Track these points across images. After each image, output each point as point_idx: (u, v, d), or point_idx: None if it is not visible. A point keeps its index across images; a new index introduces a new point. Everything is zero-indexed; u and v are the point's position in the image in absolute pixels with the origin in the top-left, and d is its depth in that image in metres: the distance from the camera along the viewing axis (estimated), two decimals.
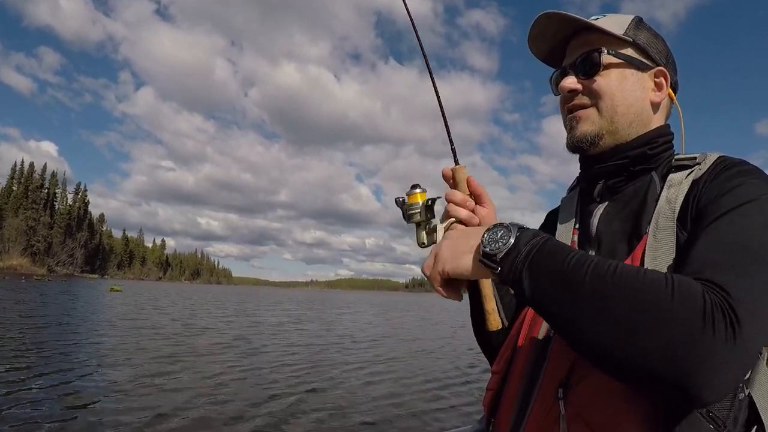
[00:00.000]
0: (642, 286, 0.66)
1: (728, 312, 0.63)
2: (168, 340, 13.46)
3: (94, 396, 7.15)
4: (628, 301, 0.65)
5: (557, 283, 0.70)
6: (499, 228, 0.78)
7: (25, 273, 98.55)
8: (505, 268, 0.75)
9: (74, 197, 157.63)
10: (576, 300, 0.68)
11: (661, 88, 0.97)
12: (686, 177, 0.87)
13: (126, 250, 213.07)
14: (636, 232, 0.89)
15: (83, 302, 25.97)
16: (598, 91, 0.95)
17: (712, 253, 0.72)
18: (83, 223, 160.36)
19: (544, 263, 0.72)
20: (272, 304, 41.55)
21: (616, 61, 0.95)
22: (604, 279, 0.67)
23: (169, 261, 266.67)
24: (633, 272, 0.68)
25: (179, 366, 9.77)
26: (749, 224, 0.74)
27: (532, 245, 0.74)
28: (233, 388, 8.24)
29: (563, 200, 1.13)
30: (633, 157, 0.95)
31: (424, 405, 7.93)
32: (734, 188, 0.79)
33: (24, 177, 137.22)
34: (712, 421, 0.70)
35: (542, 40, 1.05)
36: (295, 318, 27.34)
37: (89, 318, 17.99)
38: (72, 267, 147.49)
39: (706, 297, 0.64)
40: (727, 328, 0.62)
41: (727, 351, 0.62)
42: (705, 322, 0.62)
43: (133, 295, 39.96)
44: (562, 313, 0.70)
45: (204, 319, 21.49)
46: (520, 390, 0.91)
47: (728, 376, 0.63)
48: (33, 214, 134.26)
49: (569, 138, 0.99)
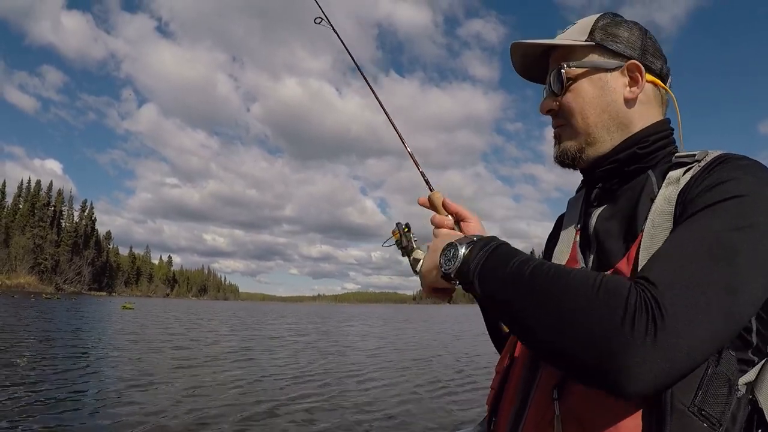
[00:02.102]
0: (571, 285, 0.71)
1: (651, 307, 0.65)
2: (204, 359, 12.70)
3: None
4: (557, 299, 0.70)
5: (501, 287, 0.78)
6: (449, 248, 0.88)
7: (33, 291, 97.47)
8: (461, 281, 0.86)
9: (80, 214, 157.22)
10: (517, 300, 0.75)
11: (636, 81, 0.95)
12: (683, 174, 0.85)
13: (133, 267, 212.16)
14: (632, 231, 0.88)
15: (99, 320, 25.59)
16: (567, 109, 0.98)
17: (666, 251, 0.73)
18: (90, 240, 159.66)
19: (491, 272, 0.80)
20: (293, 319, 40.36)
21: (580, 71, 0.96)
22: (539, 279, 0.74)
23: (176, 277, 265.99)
24: (566, 272, 0.74)
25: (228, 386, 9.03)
26: (720, 223, 0.73)
27: (479, 258, 0.82)
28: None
29: (569, 202, 1.14)
30: (623, 159, 0.95)
31: (434, 404, 8.21)
32: (723, 182, 0.77)
33: (30, 195, 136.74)
34: (705, 419, 0.71)
35: (524, 68, 1.09)
36: (321, 331, 27.42)
37: (112, 336, 17.15)
38: (80, 285, 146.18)
39: (631, 293, 0.67)
40: (648, 324, 0.64)
41: (645, 346, 0.63)
42: (624, 318, 0.65)
43: (146, 312, 39.00)
44: (509, 312, 0.77)
45: (230, 337, 20.62)
46: (519, 390, 0.92)
47: (650, 370, 0.64)
48: (40, 232, 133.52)
49: (554, 154, 1.04)
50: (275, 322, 33.22)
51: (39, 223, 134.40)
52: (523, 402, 0.89)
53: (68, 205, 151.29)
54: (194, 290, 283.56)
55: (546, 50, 1.03)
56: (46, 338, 14.85)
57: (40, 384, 8.05)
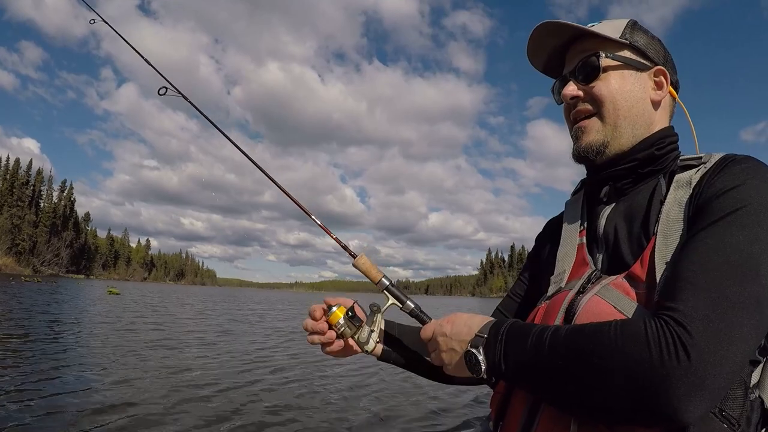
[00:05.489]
0: (590, 342, 0.71)
1: (675, 332, 0.66)
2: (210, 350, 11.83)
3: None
4: (585, 362, 0.71)
5: (531, 373, 0.79)
6: (468, 356, 0.87)
7: (11, 274, 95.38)
8: (496, 378, 0.87)
9: (60, 195, 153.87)
10: (550, 378, 0.76)
11: (661, 86, 0.98)
12: (693, 176, 0.86)
13: (111, 250, 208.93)
14: (644, 234, 0.88)
15: (89, 306, 24.09)
16: (599, 97, 0.97)
17: (688, 270, 0.73)
18: (69, 222, 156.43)
19: (514, 356, 0.81)
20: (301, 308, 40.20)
21: (615, 64, 0.97)
22: (559, 352, 0.74)
23: (153, 261, 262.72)
24: (579, 332, 0.74)
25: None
26: (738, 237, 0.73)
27: (499, 353, 0.83)
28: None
29: (567, 203, 1.13)
30: (641, 159, 0.96)
31: (429, 403, 7.60)
32: (733, 188, 0.78)
33: (9, 174, 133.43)
34: (725, 420, 0.72)
35: (542, 51, 1.07)
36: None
37: (106, 324, 16.36)
38: (57, 267, 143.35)
39: (649, 330, 0.67)
40: (678, 348, 0.64)
41: (684, 369, 0.64)
42: (651, 350, 0.66)
43: (133, 297, 37.76)
44: (545, 390, 0.78)
45: (234, 325, 19.88)
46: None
47: (700, 390, 0.64)
48: (18, 212, 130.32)
49: (575, 148, 1.01)
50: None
51: (17, 203, 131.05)
52: (535, 404, 0.88)
53: (47, 185, 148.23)
54: (171, 275, 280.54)
55: (568, 40, 1.03)
56: (47, 331, 13.30)
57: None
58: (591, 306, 0.85)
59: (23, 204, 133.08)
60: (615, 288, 0.84)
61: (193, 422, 5.67)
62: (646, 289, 0.81)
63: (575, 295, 0.90)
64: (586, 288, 0.90)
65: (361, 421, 6.34)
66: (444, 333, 0.95)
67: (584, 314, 0.84)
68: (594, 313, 0.83)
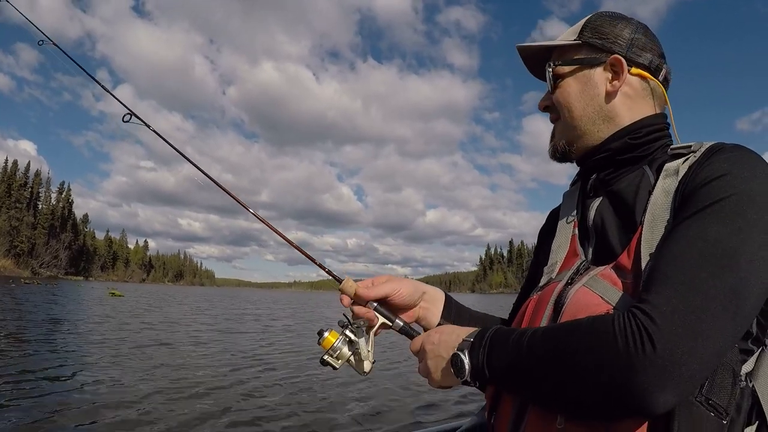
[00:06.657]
0: (564, 340, 0.74)
1: (641, 323, 0.67)
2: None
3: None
4: (559, 359, 0.74)
5: (512, 374, 0.81)
6: (455, 358, 0.89)
7: (11, 276, 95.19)
8: (480, 382, 0.88)
9: (58, 197, 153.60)
10: (531, 378, 0.78)
11: (618, 76, 0.98)
12: (681, 165, 0.86)
13: (109, 252, 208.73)
14: (631, 224, 0.89)
15: (95, 311, 23.18)
16: (556, 104, 1.04)
17: (657, 266, 0.74)
18: (67, 223, 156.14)
19: (496, 361, 0.83)
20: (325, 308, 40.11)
21: (567, 69, 1.02)
22: (536, 353, 0.77)
23: (152, 262, 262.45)
24: (556, 330, 0.78)
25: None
26: (717, 228, 0.73)
27: (482, 357, 0.85)
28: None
29: (565, 194, 1.15)
30: (615, 148, 0.97)
31: (422, 397, 7.53)
32: (715, 179, 0.78)
33: (7, 175, 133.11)
34: (713, 409, 0.72)
35: (532, 69, 1.13)
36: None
37: (125, 330, 16.35)
38: (56, 269, 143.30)
39: (616, 322, 0.69)
40: (643, 338, 0.66)
41: (649, 359, 0.65)
42: (617, 342, 0.67)
43: (139, 301, 36.50)
44: (526, 390, 0.81)
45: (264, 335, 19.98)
46: None
47: (668, 380, 0.65)
48: (16, 213, 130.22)
49: (548, 151, 1.09)
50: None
51: (15, 205, 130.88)
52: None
53: (45, 187, 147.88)
54: (170, 275, 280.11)
55: (543, 56, 1.08)
56: (47, 334, 13.41)
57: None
58: (579, 297, 0.86)
59: (21, 206, 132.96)
60: (603, 278, 0.85)
61: (193, 422, 5.72)
62: (633, 279, 0.81)
63: (564, 286, 0.92)
64: (575, 279, 0.92)
65: (355, 414, 6.40)
66: (432, 342, 0.97)
67: (572, 305, 0.86)
68: (582, 304, 0.84)
